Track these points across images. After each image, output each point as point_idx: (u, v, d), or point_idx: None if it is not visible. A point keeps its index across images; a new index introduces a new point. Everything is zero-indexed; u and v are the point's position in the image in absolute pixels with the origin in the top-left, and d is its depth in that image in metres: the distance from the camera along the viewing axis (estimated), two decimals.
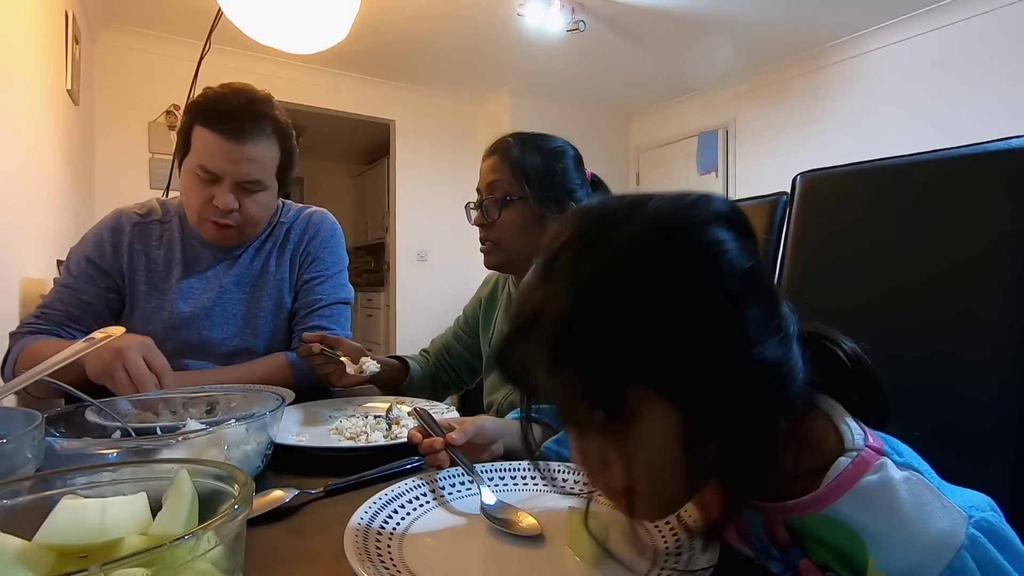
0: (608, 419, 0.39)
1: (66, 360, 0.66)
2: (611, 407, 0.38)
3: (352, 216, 6.62)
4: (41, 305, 1.08)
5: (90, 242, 1.11)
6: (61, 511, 0.34)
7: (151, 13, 3.21)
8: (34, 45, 1.98)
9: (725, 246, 0.38)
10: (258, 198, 1.08)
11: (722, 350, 0.37)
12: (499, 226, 1.02)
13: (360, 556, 0.42)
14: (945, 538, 0.35)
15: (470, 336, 1.23)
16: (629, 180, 5.18)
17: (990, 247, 0.69)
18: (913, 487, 0.37)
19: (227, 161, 1.02)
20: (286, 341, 1.18)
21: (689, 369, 0.37)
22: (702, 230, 0.39)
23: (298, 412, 0.89)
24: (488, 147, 1.07)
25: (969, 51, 3.12)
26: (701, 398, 0.37)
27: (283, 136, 1.09)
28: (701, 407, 0.38)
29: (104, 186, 3.32)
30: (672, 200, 0.40)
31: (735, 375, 0.37)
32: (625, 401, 0.38)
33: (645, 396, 0.38)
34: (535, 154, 1.02)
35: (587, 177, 1.07)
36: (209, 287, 1.12)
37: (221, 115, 1.01)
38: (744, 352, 0.37)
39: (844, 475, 0.38)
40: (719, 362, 0.37)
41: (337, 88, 4.18)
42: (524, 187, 1.00)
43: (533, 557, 0.46)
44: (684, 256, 0.38)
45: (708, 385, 0.37)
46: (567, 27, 3.30)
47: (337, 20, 1.41)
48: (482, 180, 1.05)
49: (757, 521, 0.43)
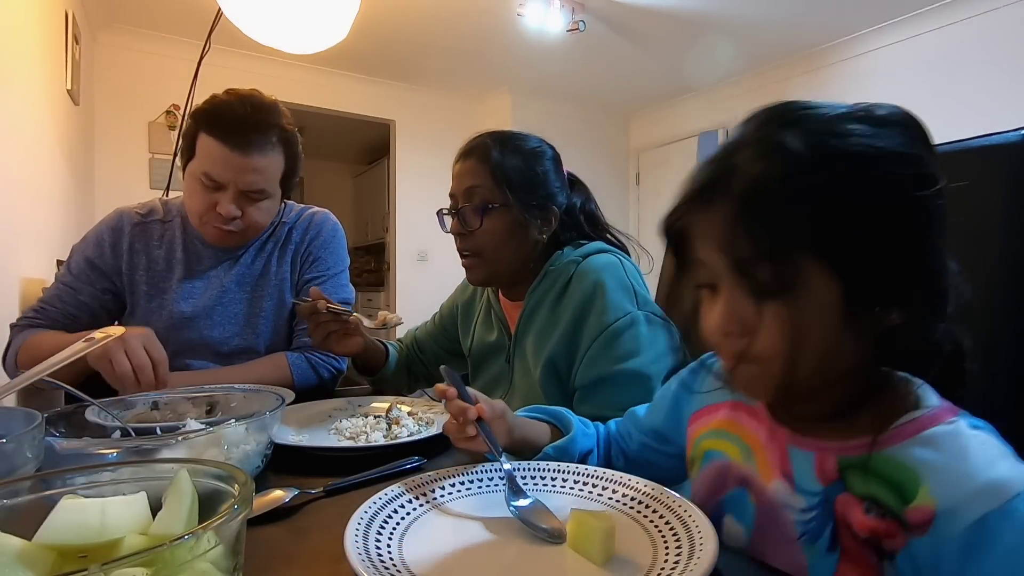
0: (775, 280, 0.41)
1: (66, 360, 0.66)
2: (783, 270, 0.40)
3: (352, 216, 6.62)
4: (41, 299, 1.09)
5: (91, 242, 1.11)
6: (61, 511, 0.34)
7: (151, 13, 3.21)
8: (34, 45, 1.98)
9: (925, 161, 0.41)
10: (261, 205, 1.08)
11: (902, 244, 0.40)
12: (480, 235, 0.94)
13: (360, 556, 0.42)
14: (1003, 484, 0.35)
15: (444, 336, 1.20)
16: (629, 180, 5.17)
17: (984, 240, 0.69)
18: (984, 440, 0.38)
19: (232, 171, 1.01)
20: (287, 340, 1.18)
21: (867, 252, 0.39)
22: (907, 138, 0.42)
23: (298, 412, 0.89)
24: (462, 148, 0.98)
25: (969, 51, 3.12)
26: (868, 281, 0.40)
27: (289, 144, 1.08)
28: (865, 290, 0.40)
29: (104, 186, 3.32)
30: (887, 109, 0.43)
31: (906, 270, 0.40)
32: (797, 267, 0.40)
33: (817, 267, 0.40)
34: (516, 156, 0.94)
35: (566, 178, 1.01)
36: (211, 287, 1.13)
37: (228, 125, 1.00)
38: (919, 252, 0.40)
39: (916, 422, 0.40)
40: (896, 253, 0.40)
41: (337, 88, 4.18)
42: (506, 193, 0.92)
43: (534, 557, 0.46)
44: (890, 153, 0.40)
45: (878, 271, 0.40)
46: (567, 27, 3.30)
47: (337, 20, 1.41)
48: (457, 184, 0.96)
49: (805, 460, 0.45)
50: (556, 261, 0.95)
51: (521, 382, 0.98)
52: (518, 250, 0.95)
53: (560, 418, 0.70)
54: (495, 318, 1.05)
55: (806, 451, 0.46)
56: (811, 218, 0.39)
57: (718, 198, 0.43)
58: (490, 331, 1.06)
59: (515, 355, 0.99)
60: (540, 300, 0.95)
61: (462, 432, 0.60)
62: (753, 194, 0.41)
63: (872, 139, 0.40)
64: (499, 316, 1.04)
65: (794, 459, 0.47)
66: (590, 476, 0.58)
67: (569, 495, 0.56)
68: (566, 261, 0.94)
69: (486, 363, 1.07)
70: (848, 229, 0.39)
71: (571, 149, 5.48)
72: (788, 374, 0.43)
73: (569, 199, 1.00)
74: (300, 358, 1.12)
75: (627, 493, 0.54)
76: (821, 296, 0.40)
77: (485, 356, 1.07)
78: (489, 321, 1.07)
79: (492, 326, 1.05)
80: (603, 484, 0.56)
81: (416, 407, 0.91)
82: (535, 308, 0.96)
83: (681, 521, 0.47)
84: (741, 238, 0.41)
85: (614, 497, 0.54)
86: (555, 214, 0.96)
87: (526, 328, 0.97)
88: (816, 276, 0.40)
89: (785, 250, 0.40)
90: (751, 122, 0.45)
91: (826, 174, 0.40)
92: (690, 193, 0.45)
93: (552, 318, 0.93)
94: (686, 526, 0.46)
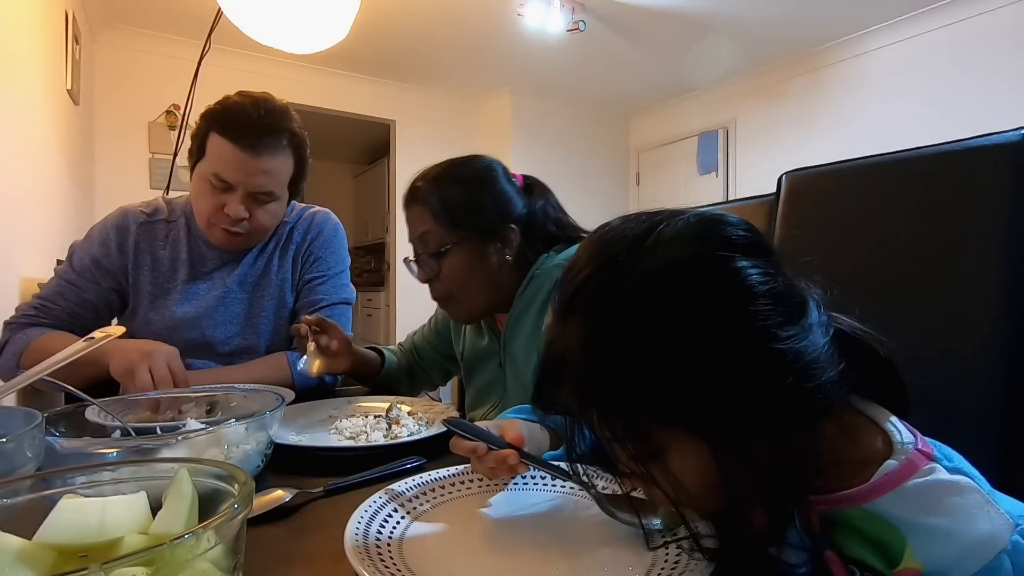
0: (639, 454, 0.40)
1: (66, 360, 0.66)
2: (639, 445, 0.40)
3: (352, 216, 6.62)
4: (40, 296, 1.07)
5: (95, 240, 1.10)
6: (61, 510, 0.34)
7: (151, 13, 3.21)
8: (34, 45, 1.98)
9: (738, 277, 0.38)
10: (269, 208, 1.08)
11: (740, 381, 0.37)
12: (444, 279, 0.92)
13: (360, 556, 0.42)
14: (988, 539, 0.35)
15: (440, 341, 1.18)
16: (629, 180, 5.17)
17: (977, 242, 0.69)
18: (963, 490, 0.37)
19: (242, 172, 1.01)
20: (288, 340, 1.18)
21: (709, 404, 0.37)
22: (714, 265, 0.38)
23: (298, 412, 0.89)
24: (404, 195, 0.97)
25: (969, 51, 3.12)
26: (725, 428, 0.38)
27: (298, 148, 1.09)
28: (726, 436, 0.38)
29: (104, 186, 3.32)
30: (680, 230, 0.40)
31: (755, 403, 0.37)
32: (652, 438, 0.39)
33: (671, 433, 0.39)
34: (454, 189, 0.92)
35: (519, 186, 0.97)
36: (213, 288, 1.12)
37: (240, 126, 1.00)
38: (763, 379, 0.37)
39: (892, 474, 0.38)
40: (737, 393, 0.37)
41: (337, 88, 4.18)
42: (455, 230, 0.90)
43: (534, 557, 0.46)
44: (699, 295, 0.38)
45: (730, 416, 0.38)
46: (567, 27, 3.30)
47: (337, 20, 1.41)
48: (411, 232, 0.96)
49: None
50: (542, 265, 0.93)
51: (514, 389, 0.97)
52: (484, 280, 0.93)
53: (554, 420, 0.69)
54: (484, 324, 1.04)
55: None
56: (646, 392, 0.38)
57: (562, 381, 0.42)
58: (480, 337, 1.05)
59: (506, 361, 0.99)
60: (527, 306, 0.93)
61: (514, 474, 0.56)
62: (582, 384, 0.40)
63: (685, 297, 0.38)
64: (487, 322, 1.03)
65: None
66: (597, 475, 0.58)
67: (569, 495, 0.57)
68: (551, 265, 0.92)
69: (479, 368, 1.06)
70: (681, 390, 0.37)
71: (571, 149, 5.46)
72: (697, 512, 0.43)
73: (529, 206, 0.96)
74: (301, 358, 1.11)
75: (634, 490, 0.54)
76: (690, 454, 0.39)
77: (477, 361, 1.06)
78: (479, 327, 1.05)
79: (482, 332, 1.04)
80: (603, 484, 0.56)
81: (416, 407, 0.91)
82: (522, 314, 0.94)
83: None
84: (590, 422, 0.42)
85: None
86: (514, 232, 0.92)
87: (513, 333, 0.95)
88: (674, 439, 0.39)
89: (632, 426, 0.40)
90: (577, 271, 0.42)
91: (642, 348, 0.38)
92: (540, 376, 0.44)
93: (539, 321, 0.91)
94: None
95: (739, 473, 0.39)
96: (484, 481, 0.58)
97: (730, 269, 0.38)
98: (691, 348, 0.37)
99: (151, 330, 1.08)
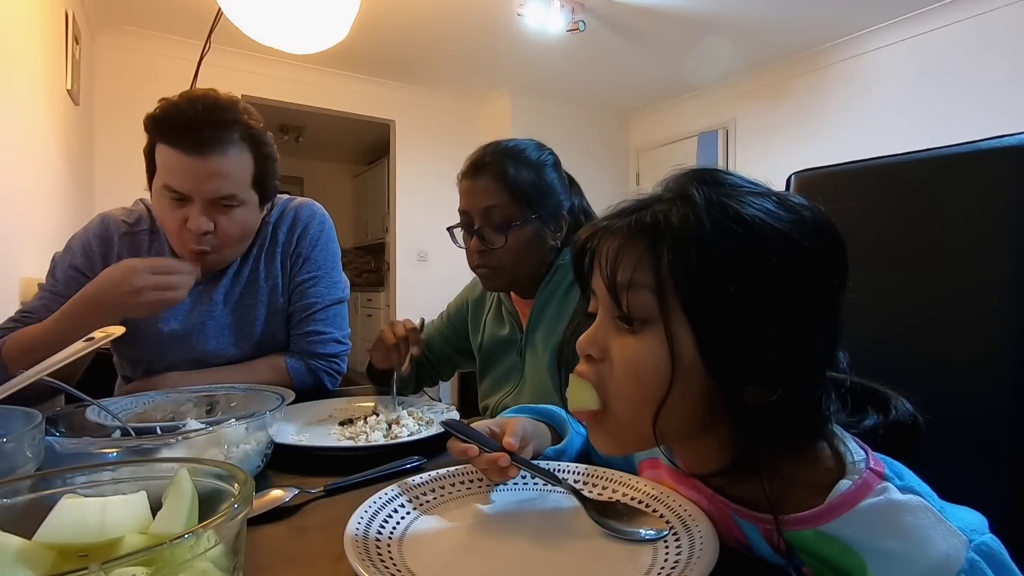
0: (637, 310, 0.42)
1: (66, 360, 0.66)
2: (646, 303, 0.42)
3: (352, 216, 6.62)
4: (23, 310, 1.01)
5: (77, 252, 1.05)
6: (61, 510, 0.34)
7: (151, 13, 3.21)
8: (34, 45, 1.98)
9: (819, 256, 0.41)
10: (235, 215, 0.99)
11: (770, 326, 0.39)
12: (503, 252, 0.95)
13: (360, 556, 0.42)
14: (945, 561, 0.35)
15: (454, 335, 1.20)
16: (629, 180, 5.17)
17: (985, 244, 0.69)
18: (915, 510, 0.37)
19: (191, 179, 0.93)
20: (284, 343, 1.16)
21: (728, 322, 0.39)
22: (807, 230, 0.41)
23: (298, 412, 0.89)
24: (469, 165, 0.97)
25: (969, 51, 3.12)
26: (724, 350, 0.40)
27: (255, 142, 0.99)
28: (721, 358, 0.40)
29: (104, 186, 3.32)
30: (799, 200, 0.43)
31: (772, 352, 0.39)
32: (664, 307, 0.41)
33: (681, 317, 0.41)
34: (527, 169, 0.95)
35: (566, 180, 1.03)
36: (199, 302, 1.08)
37: (178, 128, 0.92)
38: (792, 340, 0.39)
39: (845, 496, 0.38)
40: (761, 334, 0.39)
41: (337, 88, 4.17)
42: (526, 209, 0.94)
43: (533, 557, 0.46)
44: (785, 235, 0.40)
45: (736, 344, 0.40)
46: (567, 27, 3.29)
47: (337, 20, 1.41)
48: (471, 203, 0.96)
49: (756, 532, 0.44)
50: (565, 255, 1.00)
51: (532, 373, 1.01)
52: (537, 261, 0.99)
53: (555, 419, 0.70)
54: (506, 313, 1.08)
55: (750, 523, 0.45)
56: (688, 267, 0.40)
57: (617, 223, 0.45)
58: (501, 326, 1.09)
59: (527, 348, 1.03)
60: (551, 295, 1.00)
61: (505, 477, 0.56)
62: (643, 226, 0.43)
63: (773, 218, 0.41)
64: (510, 311, 1.08)
65: (743, 527, 0.46)
66: (591, 476, 0.58)
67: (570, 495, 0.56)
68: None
69: (497, 357, 1.10)
70: (716, 293, 0.39)
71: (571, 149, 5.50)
72: (635, 426, 0.44)
73: (570, 199, 1.02)
74: (299, 362, 1.10)
75: (627, 492, 0.54)
76: (679, 348, 0.41)
77: (496, 350, 1.10)
78: (500, 317, 1.10)
79: (503, 322, 1.09)
80: (603, 484, 0.56)
81: (416, 407, 0.91)
82: (546, 303, 1.00)
83: (681, 521, 0.47)
84: (622, 263, 0.43)
85: (614, 497, 0.54)
86: (566, 219, 0.99)
87: (537, 322, 1.01)
88: (679, 327, 0.41)
89: (658, 287, 0.41)
90: (674, 177, 0.46)
91: (715, 232, 0.40)
92: (604, 219, 0.47)
93: (561, 308, 0.98)
94: (686, 526, 0.46)
95: (720, 397, 0.41)
96: (485, 481, 0.58)
97: (842, 246, 0.43)
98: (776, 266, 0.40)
99: (140, 346, 1.05)
